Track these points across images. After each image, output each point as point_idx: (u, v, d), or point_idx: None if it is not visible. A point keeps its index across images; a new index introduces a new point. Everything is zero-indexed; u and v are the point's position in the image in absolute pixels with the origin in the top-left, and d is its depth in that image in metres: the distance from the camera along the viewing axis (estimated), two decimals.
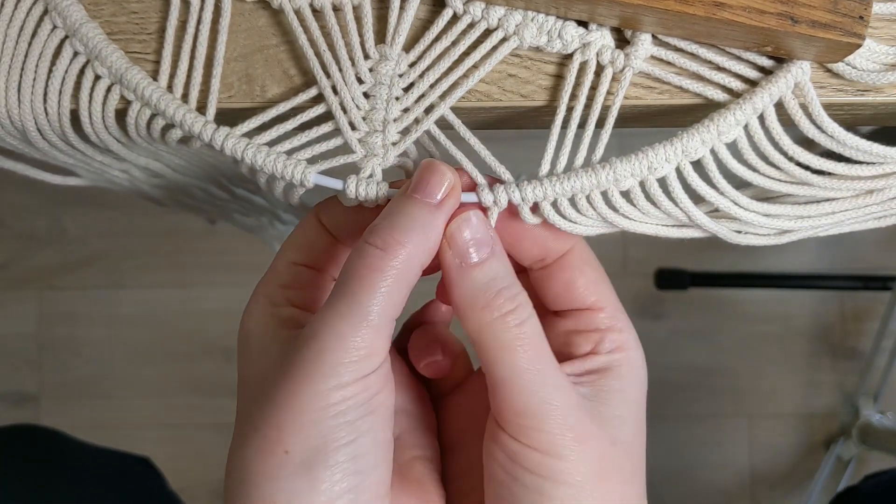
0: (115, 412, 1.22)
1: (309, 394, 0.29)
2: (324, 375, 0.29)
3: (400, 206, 0.31)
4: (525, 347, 0.30)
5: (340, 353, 0.29)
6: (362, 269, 0.30)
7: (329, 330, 0.29)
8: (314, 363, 0.29)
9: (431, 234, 0.31)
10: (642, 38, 0.33)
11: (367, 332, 0.29)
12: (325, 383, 0.29)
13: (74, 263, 1.23)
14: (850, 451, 1.11)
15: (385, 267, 0.29)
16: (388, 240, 0.30)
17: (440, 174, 0.31)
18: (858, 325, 1.22)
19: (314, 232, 0.35)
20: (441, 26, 0.34)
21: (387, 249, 0.30)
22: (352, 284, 0.29)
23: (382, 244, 0.30)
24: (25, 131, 0.35)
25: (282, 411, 0.29)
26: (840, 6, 0.31)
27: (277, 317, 0.33)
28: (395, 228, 0.30)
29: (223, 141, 0.33)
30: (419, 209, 0.31)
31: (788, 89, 0.33)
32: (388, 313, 0.30)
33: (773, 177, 0.34)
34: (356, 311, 0.29)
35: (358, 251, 0.30)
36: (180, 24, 0.35)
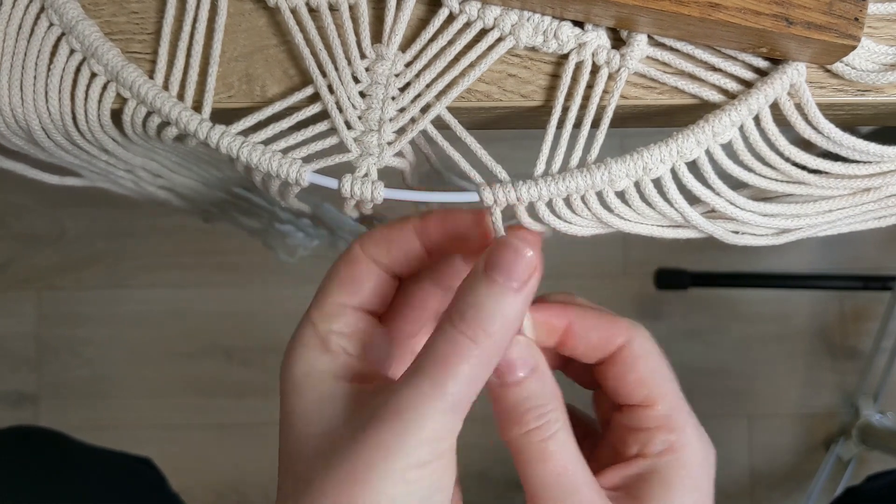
0: (115, 412, 1.22)
1: (387, 471, 0.29)
2: (404, 455, 0.29)
3: (485, 290, 0.31)
4: (549, 462, 0.31)
5: (422, 435, 0.29)
6: (452, 356, 0.30)
7: (413, 411, 0.29)
8: (394, 442, 0.29)
9: (516, 321, 0.31)
10: (638, 38, 0.33)
11: (450, 417, 0.30)
12: (405, 461, 0.29)
13: (74, 263, 1.23)
14: (850, 451, 1.11)
15: (472, 356, 0.30)
16: (477, 330, 0.30)
17: (522, 256, 0.31)
18: (858, 325, 1.22)
19: (362, 268, 0.34)
20: (437, 26, 0.34)
21: (475, 340, 0.30)
22: (438, 368, 0.30)
23: (472, 334, 0.30)
24: (31, 130, 0.36)
25: (357, 485, 0.29)
26: (835, 8, 0.31)
27: (334, 367, 0.33)
28: (483, 319, 0.30)
29: (219, 139, 0.33)
30: (505, 297, 0.31)
31: (784, 90, 0.33)
32: (469, 398, 0.30)
33: (769, 176, 0.34)
34: (440, 394, 0.30)
35: (446, 336, 0.31)
36: (177, 22, 0.35)
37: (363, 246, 0.34)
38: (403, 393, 0.30)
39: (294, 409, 0.32)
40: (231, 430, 1.21)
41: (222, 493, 1.20)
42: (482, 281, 0.31)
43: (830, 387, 1.22)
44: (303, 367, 0.33)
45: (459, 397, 0.30)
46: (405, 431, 0.29)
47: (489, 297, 0.31)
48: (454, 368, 0.30)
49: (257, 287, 1.21)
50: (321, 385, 0.32)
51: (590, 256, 1.21)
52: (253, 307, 1.20)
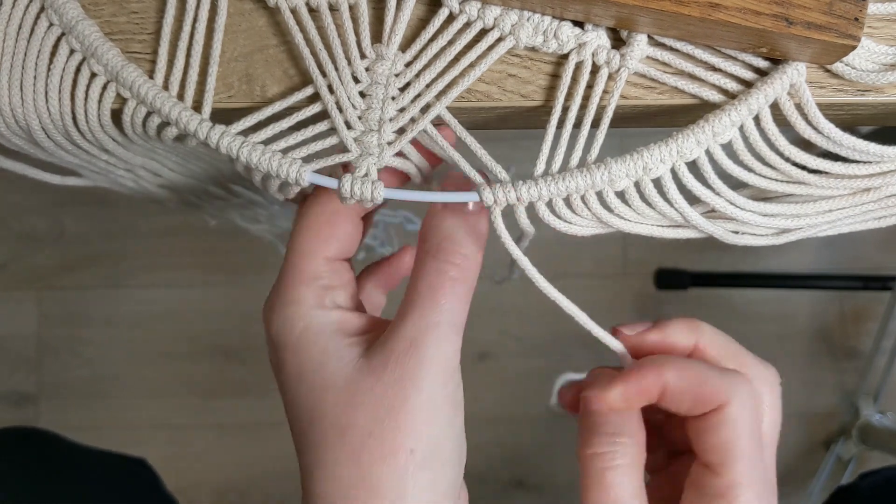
0: (114, 412, 1.22)
1: (420, 398, 0.32)
2: (430, 381, 0.32)
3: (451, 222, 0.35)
4: (603, 491, 0.33)
5: (439, 358, 0.33)
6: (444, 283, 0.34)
7: (425, 338, 0.33)
8: (417, 371, 0.32)
9: (483, 237, 0.35)
10: (638, 38, 0.33)
11: (453, 337, 0.33)
12: (432, 387, 0.32)
13: (74, 263, 1.23)
14: (850, 451, 1.11)
15: (458, 278, 0.34)
16: (456, 255, 0.34)
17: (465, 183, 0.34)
18: (858, 325, 1.22)
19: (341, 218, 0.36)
20: (437, 26, 0.34)
21: (457, 264, 0.34)
22: (435, 296, 0.33)
23: (453, 260, 0.34)
24: (31, 130, 0.36)
25: (396, 415, 0.32)
26: (835, 8, 0.31)
27: (332, 321, 0.35)
28: (457, 245, 0.34)
29: (218, 139, 0.33)
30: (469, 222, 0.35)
31: (784, 90, 0.33)
32: (464, 315, 0.34)
33: (769, 176, 0.34)
34: (444, 319, 0.33)
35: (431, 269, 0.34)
36: (177, 22, 0.35)
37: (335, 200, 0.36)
38: (410, 325, 0.33)
39: (300, 369, 0.34)
40: (231, 430, 1.21)
41: (222, 493, 1.20)
42: (444, 214, 0.35)
43: (830, 387, 1.22)
44: (299, 326, 0.34)
45: (459, 317, 0.34)
46: (426, 359, 0.32)
47: (454, 225, 0.35)
48: (448, 293, 0.34)
49: (257, 287, 1.21)
50: (322, 341, 0.34)
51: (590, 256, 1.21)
52: (253, 307, 1.20)
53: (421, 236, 0.35)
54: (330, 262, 0.35)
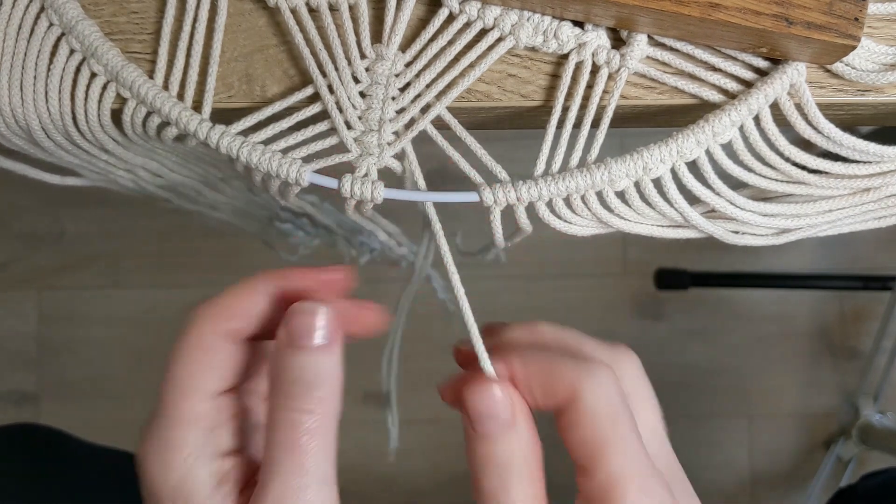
0: (114, 412, 1.22)
1: None
2: None
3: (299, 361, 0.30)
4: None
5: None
6: (298, 437, 0.29)
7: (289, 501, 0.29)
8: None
9: (339, 372, 0.30)
10: (638, 38, 0.33)
11: (325, 492, 0.29)
12: None
13: (74, 263, 1.23)
14: (850, 451, 1.11)
15: (316, 427, 0.29)
16: (310, 401, 0.30)
17: (314, 314, 0.30)
18: (858, 325, 1.22)
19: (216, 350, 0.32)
20: (437, 26, 0.34)
21: (313, 411, 0.29)
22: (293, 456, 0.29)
23: (308, 407, 0.30)
24: (31, 130, 0.36)
25: None
26: (835, 8, 0.31)
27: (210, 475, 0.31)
28: (309, 388, 0.30)
29: (218, 139, 0.33)
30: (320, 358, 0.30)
31: (784, 90, 0.33)
32: (332, 462, 0.30)
33: (769, 176, 0.34)
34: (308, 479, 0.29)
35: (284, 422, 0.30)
36: (177, 22, 0.35)
37: (212, 324, 0.32)
38: (276, 494, 0.29)
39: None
40: None
41: None
42: (292, 353, 0.30)
43: (830, 387, 1.22)
44: (175, 476, 0.31)
45: (326, 468, 0.29)
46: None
47: (305, 366, 0.30)
48: (307, 448, 0.29)
49: None
50: (198, 498, 0.30)
51: (590, 256, 1.21)
52: None
53: (269, 379, 0.31)
54: (212, 397, 0.32)
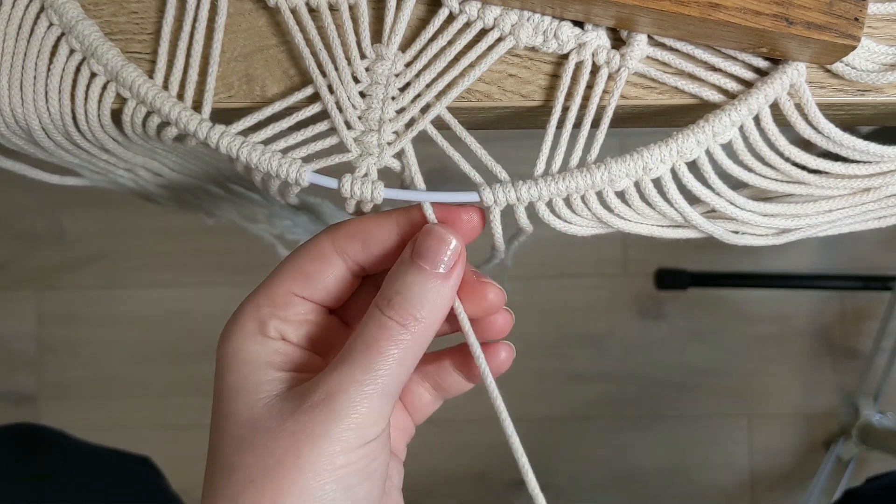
0: (114, 412, 1.22)
1: (315, 456, 0.29)
2: (332, 439, 0.29)
3: (412, 277, 0.31)
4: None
5: (351, 420, 0.29)
6: (381, 340, 0.30)
7: (343, 395, 0.30)
8: (323, 427, 0.29)
9: (445, 306, 0.32)
10: (638, 38, 0.33)
11: (377, 401, 0.30)
12: (332, 446, 0.29)
13: (74, 263, 1.23)
14: (850, 451, 1.11)
15: (402, 340, 0.31)
16: (405, 315, 0.31)
17: (446, 243, 0.32)
18: (858, 325, 1.22)
19: (326, 265, 0.33)
20: (437, 26, 0.34)
21: (404, 324, 0.31)
22: (368, 353, 0.30)
23: (400, 319, 0.31)
24: (31, 130, 0.36)
25: (284, 470, 0.29)
26: (835, 8, 0.31)
27: (267, 352, 0.32)
28: (411, 304, 0.31)
29: (218, 139, 0.33)
30: (431, 282, 0.31)
31: (784, 90, 0.33)
32: (400, 382, 0.31)
33: (769, 176, 0.34)
34: (370, 379, 0.30)
35: (376, 321, 0.31)
36: (177, 22, 0.35)
37: (335, 241, 0.33)
38: (333, 377, 0.30)
39: (221, 388, 0.32)
40: None
41: None
42: (409, 267, 0.32)
43: (830, 387, 1.22)
44: (233, 347, 0.32)
45: (389, 381, 0.30)
46: (334, 417, 0.29)
47: (416, 283, 0.31)
48: (384, 353, 0.30)
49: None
50: (247, 368, 0.32)
51: (590, 256, 1.21)
52: None
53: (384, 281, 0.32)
54: (293, 296, 0.33)
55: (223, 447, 0.31)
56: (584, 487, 1.18)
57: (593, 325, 1.19)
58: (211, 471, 0.31)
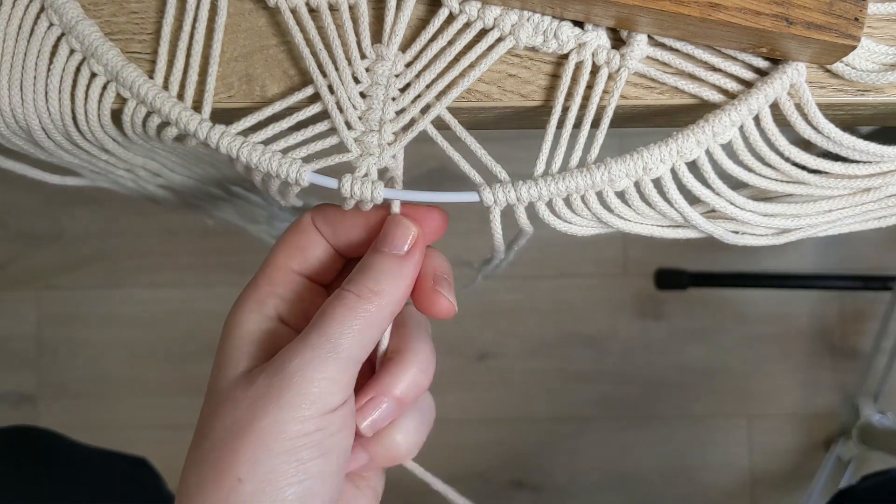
0: (114, 412, 1.22)
1: (269, 423, 0.30)
2: (286, 406, 0.30)
3: (373, 259, 0.34)
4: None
5: (305, 386, 0.30)
6: (338, 308, 0.32)
7: (297, 360, 0.30)
8: (278, 392, 0.30)
9: (402, 283, 0.33)
10: (638, 38, 0.33)
11: (333, 367, 0.31)
12: (286, 414, 0.30)
13: (74, 263, 1.23)
14: (850, 451, 1.11)
15: (359, 309, 0.32)
16: (363, 288, 0.32)
17: (404, 228, 0.34)
18: (858, 325, 1.22)
19: (309, 238, 0.35)
20: (437, 26, 0.34)
21: (360, 295, 0.32)
22: (326, 322, 0.32)
23: (357, 290, 0.32)
24: (31, 130, 0.36)
25: (239, 436, 0.30)
26: (835, 8, 0.31)
27: (259, 330, 0.34)
28: (369, 279, 0.33)
29: (218, 139, 0.33)
30: (389, 261, 0.33)
31: (784, 90, 0.33)
32: (356, 353, 0.32)
33: (769, 176, 0.34)
34: (326, 345, 0.31)
35: (336, 296, 0.32)
36: (177, 22, 0.35)
37: (314, 218, 0.35)
38: (292, 346, 0.31)
39: (217, 364, 0.33)
40: None
41: None
42: (371, 252, 0.34)
43: (830, 387, 1.22)
44: (230, 325, 0.34)
45: (344, 347, 0.31)
46: (288, 383, 0.30)
47: (375, 262, 0.33)
48: (338, 319, 0.31)
49: None
50: (235, 344, 0.33)
51: (590, 256, 1.21)
52: None
53: None
54: (290, 271, 0.35)
55: (202, 416, 0.32)
56: (583, 487, 1.18)
57: (593, 326, 1.19)
58: (193, 439, 0.32)
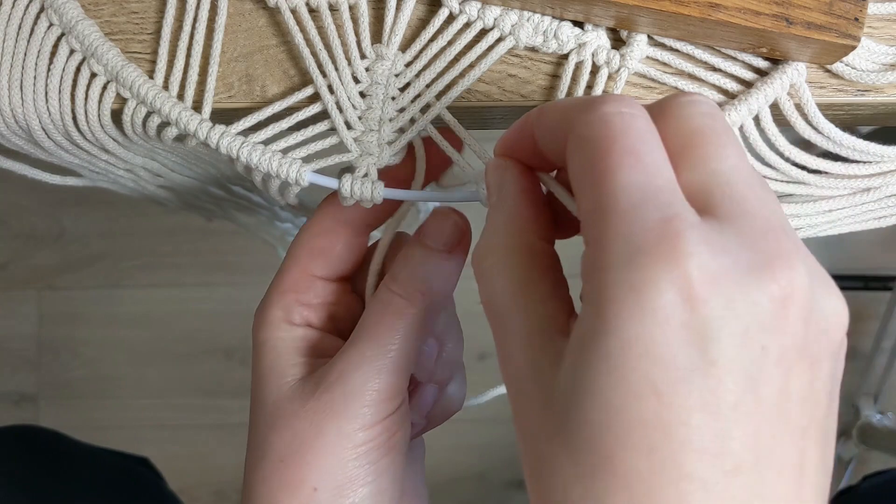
0: (114, 412, 1.22)
1: (335, 434, 0.31)
2: (350, 417, 0.31)
3: (418, 255, 0.32)
4: None
5: (366, 396, 0.31)
6: (387, 315, 0.32)
7: (355, 372, 0.31)
8: (340, 405, 0.31)
9: (449, 282, 0.33)
10: (638, 38, 0.33)
11: (389, 376, 0.31)
12: (351, 424, 0.31)
13: (74, 263, 1.23)
14: (850, 451, 1.11)
15: (408, 314, 0.32)
16: (410, 289, 0.32)
17: (452, 222, 0.33)
18: (858, 325, 1.22)
19: (329, 239, 0.35)
20: (437, 26, 0.34)
21: (409, 299, 0.32)
22: (377, 330, 0.31)
23: (405, 293, 0.32)
24: (31, 130, 0.36)
25: (308, 448, 0.31)
26: (835, 8, 0.31)
27: (293, 339, 0.34)
28: (415, 279, 0.32)
29: (218, 139, 0.33)
30: (434, 258, 0.32)
31: (784, 90, 0.33)
32: (410, 356, 0.32)
33: (769, 177, 0.34)
34: (381, 355, 0.31)
35: (382, 298, 0.32)
36: (177, 22, 0.35)
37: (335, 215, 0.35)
38: (344, 357, 0.31)
39: (254, 376, 0.34)
40: (231, 430, 1.21)
41: (222, 492, 1.20)
42: (414, 245, 0.33)
43: None
44: (262, 337, 0.34)
45: (399, 356, 0.31)
46: (349, 394, 0.31)
47: (420, 260, 0.32)
48: (391, 328, 0.31)
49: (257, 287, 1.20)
50: (274, 355, 0.33)
51: None
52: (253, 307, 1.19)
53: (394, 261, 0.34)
54: (313, 278, 0.35)
55: (257, 431, 0.33)
56: None
57: None
58: (249, 454, 0.33)
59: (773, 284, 0.21)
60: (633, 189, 0.22)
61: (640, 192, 0.22)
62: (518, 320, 0.24)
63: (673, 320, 0.20)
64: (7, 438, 0.61)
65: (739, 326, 0.20)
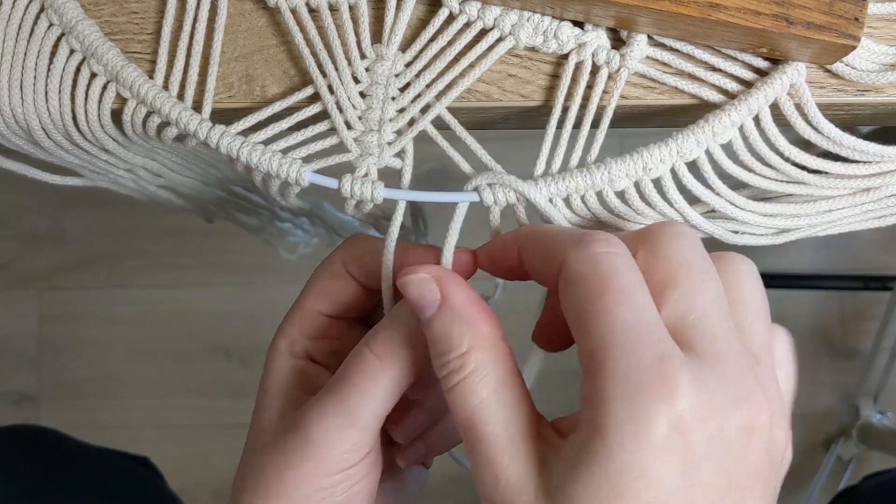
0: (115, 412, 1.22)
1: (294, 477, 0.31)
2: (309, 464, 0.30)
3: (400, 316, 0.31)
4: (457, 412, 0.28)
5: (324, 449, 0.30)
6: (357, 374, 0.31)
7: (316, 426, 0.31)
8: (302, 451, 0.31)
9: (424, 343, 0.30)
10: (638, 38, 0.33)
11: (352, 433, 0.30)
12: (311, 470, 0.31)
13: (74, 263, 1.23)
14: (850, 451, 1.11)
15: (379, 377, 0.30)
16: (385, 350, 0.31)
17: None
18: (858, 325, 1.22)
19: (338, 284, 0.35)
20: (437, 26, 0.34)
21: (383, 360, 0.31)
22: (345, 387, 0.31)
23: (380, 354, 0.31)
24: (31, 130, 0.36)
25: (270, 485, 0.31)
26: (835, 8, 0.31)
27: (292, 370, 0.34)
28: (393, 340, 0.31)
29: (218, 139, 0.33)
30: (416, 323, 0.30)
31: (784, 90, 0.33)
32: (377, 416, 0.31)
33: (769, 177, 0.34)
34: (344, 412, 0.30)
35: (357, 355, 0.31)
36: (177, 22, 0.35)
37: (346, 263, 0.34)
38: (312, 405, 0.31)
39: (258, 393, 0.34)
40: (231, 430, 1.20)
41: (222, 493, 1.20)
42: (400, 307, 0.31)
43: (830, 387, 1.22)
44: (268, 361, 0.34)
45: (366, 415, 0.30)
46: (310, 445, 0.30)
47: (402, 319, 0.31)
48: (359, 387, 0.30)
49: (257, 287, 1.21)
50: (272, 381, 0.34)
51: None
52: (253, 307, 1.20)
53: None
54: (319, 314, 0.35)
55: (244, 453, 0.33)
56: None
57: None
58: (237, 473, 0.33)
59: (742, 421, 0.25)
60: (627, 326, 0.25)
61: (633, 329, 0.25)
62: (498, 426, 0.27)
63: (666, 448, 0.24)
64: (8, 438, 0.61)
65: (716, 455, 0.25)
